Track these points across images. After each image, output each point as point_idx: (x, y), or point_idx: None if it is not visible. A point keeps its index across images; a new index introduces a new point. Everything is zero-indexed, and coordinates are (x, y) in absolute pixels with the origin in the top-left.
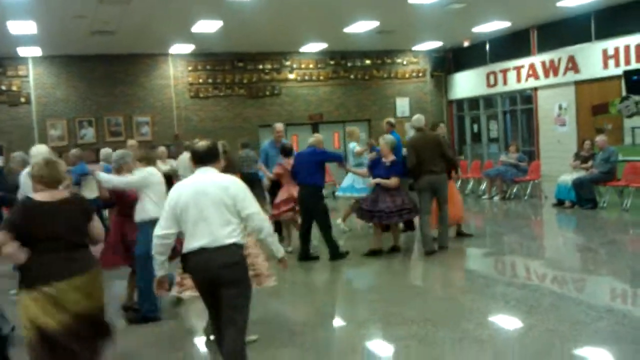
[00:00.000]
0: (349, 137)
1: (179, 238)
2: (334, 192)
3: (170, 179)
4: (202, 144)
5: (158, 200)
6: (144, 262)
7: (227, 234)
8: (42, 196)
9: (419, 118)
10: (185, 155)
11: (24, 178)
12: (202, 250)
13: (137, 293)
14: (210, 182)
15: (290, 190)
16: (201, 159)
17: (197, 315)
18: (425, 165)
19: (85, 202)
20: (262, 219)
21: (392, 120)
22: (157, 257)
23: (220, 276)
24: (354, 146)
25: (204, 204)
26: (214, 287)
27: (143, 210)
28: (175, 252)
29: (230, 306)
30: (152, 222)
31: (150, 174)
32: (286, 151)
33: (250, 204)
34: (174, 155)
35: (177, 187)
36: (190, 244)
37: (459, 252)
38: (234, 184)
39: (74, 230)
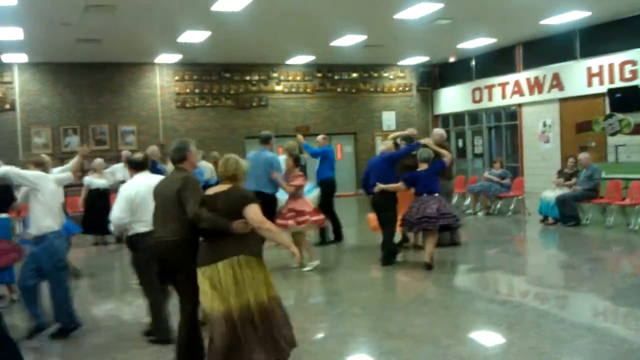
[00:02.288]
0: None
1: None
2: None
3: None
4: (137, 155)
5: (49, 210)
6: (55, 276)
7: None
8: None
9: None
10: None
11: None
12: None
13: (53, 307)
14: (152, 182)
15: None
16: (139, 166)
17: None
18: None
19: None
20: None
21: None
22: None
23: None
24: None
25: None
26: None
27: (41, 225)
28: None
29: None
30: (52, 235)
31: (45, 178)
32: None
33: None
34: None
35: (132, 186)
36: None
37: (442, 267)
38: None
39: None
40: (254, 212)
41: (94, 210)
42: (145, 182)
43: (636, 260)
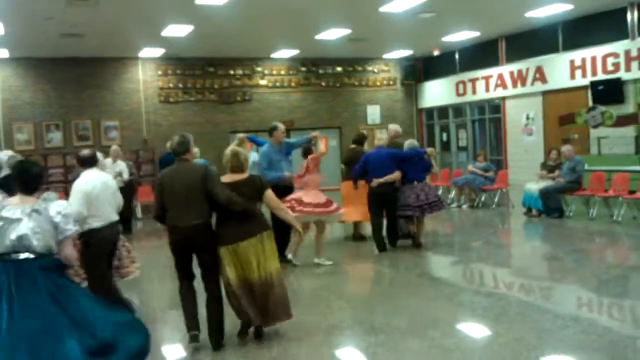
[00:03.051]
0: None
1: None
2: None
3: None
4: (86, 152)
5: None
6: None
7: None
8: None
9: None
10: None
11: None
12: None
13: None
14: (105, 178)
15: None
16: (88, 162)
17: None
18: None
19: None
20: None
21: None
22: None
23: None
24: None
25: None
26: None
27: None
28: None
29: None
30: None
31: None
32: (308, 154)
33: None
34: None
35: (87, 181)
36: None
37: (427, 260)
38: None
39: None
40: (271, 195)
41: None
42: (99, 178)
43: (619, 251)
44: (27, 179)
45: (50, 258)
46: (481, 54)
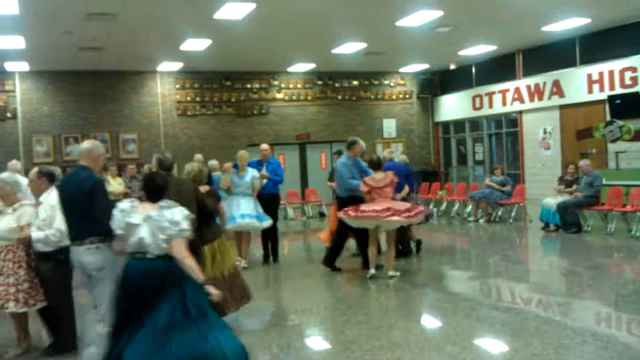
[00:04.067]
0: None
1: None
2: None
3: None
4: (53, 168)
5: None
6: None
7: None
8: None
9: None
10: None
11: None
12: None
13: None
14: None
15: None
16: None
17: None
18: None
19: None
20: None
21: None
22: None
23: None
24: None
25: None
26: None
27: None
28: None
29: None
30: None
31: None
32: (375, 165)
33: None
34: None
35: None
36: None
37: (444, 274)
38: None
39: None
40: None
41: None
42: (56, 195)
43: (638, 266)
44: (152, 188)
45: (165, 259)
46: (498, 68)
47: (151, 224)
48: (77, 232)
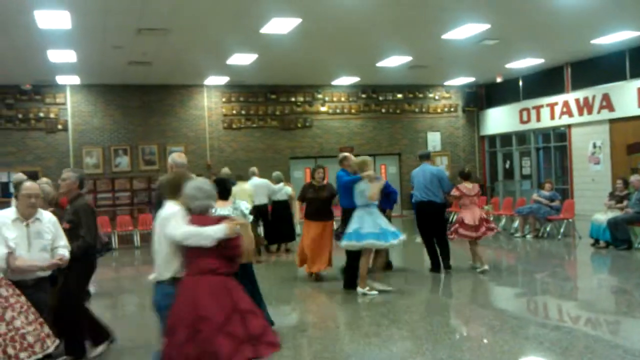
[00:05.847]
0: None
1: None
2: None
3: None
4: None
5: None
6: None
7: None
8: None
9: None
10: (240, 186)
11: None
12: None
13: None
14: None
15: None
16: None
17: None
18: None
19: None
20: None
21: None
22: None
23: None
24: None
25: None
26: None
27: None
28: None
29: None
30: None
31: None
32: (465, 175)
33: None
34: None
35: None
36: None
37: (491, 291)
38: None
39: None
40: None
41: (278, 220)
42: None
43: None
44: (225, 189)
45: None
46: (546, 81)
47: (236, 212)
48: None
